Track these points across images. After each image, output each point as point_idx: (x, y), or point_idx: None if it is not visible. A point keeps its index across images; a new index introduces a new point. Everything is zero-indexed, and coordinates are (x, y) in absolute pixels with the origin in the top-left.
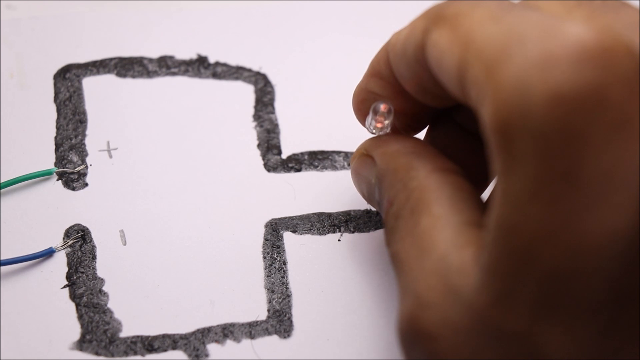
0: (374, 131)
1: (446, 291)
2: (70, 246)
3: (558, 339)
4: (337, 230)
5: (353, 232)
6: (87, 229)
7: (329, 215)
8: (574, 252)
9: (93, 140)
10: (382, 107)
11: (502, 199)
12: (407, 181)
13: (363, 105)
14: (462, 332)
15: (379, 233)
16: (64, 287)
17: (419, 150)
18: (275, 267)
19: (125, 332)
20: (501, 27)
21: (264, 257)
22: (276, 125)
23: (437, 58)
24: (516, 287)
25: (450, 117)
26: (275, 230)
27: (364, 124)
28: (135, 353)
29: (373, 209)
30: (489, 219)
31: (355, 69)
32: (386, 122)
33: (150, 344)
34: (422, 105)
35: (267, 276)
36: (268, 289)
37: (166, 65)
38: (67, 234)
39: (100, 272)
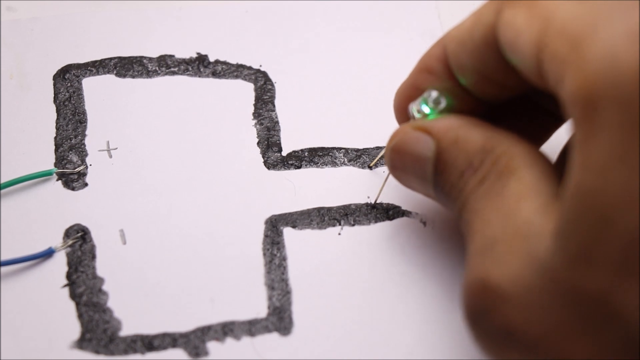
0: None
1: (524, 253)
2: (70, 246)
3: (638, 298)
4: (337, 224)
5: (353, 225)
6: (87, 228)
7: (329, 209)
8: None
9: (93, 140)
10: (434, 94)
11: (582, 167)
12: (493, 147)
13: (407, 103)
14: (534, 291)
15: (380, 226)
16: (64, 286)
17: (485, 124)
18: (275, 264)
19: (125, 331)
20: (583, 4)
21: (264, 254)
22: (276, 123)
23: (511, 37)
24: (596, 249)
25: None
26: (274, 226)
27: (402, 121)
28: (135, 352)
29: (372, 201)
30: (565, 187)
31: (355, 66)
32: (440, 106)
33: (150, 342)
34: (474, 102)
35: (267, 273)
36: (268, 286)
37: (166, 65)
38: (67, 234)
39: (100, 272)
